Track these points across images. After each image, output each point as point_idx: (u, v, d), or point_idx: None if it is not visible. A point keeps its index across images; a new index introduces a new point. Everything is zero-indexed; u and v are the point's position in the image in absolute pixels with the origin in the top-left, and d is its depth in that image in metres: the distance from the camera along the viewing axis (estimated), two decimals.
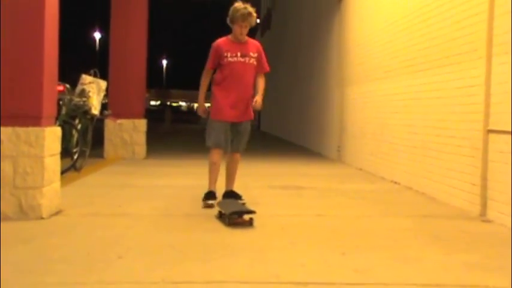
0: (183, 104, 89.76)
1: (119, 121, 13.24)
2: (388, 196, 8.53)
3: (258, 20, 8.05)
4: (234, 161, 7.42)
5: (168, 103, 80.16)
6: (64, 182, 7.67)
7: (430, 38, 8.51)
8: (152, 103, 78.77)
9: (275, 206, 7.45)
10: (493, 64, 6.69)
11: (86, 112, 10.75)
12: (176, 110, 67.62)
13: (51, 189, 6.31)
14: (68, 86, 10.58)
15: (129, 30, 13.70)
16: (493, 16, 6.73)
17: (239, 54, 7.10)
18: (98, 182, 9.37)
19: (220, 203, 6.67)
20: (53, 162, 6.33)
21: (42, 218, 6.07)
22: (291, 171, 11.78)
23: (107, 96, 12.50)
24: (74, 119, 10.45)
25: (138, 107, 13.89)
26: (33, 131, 6.06)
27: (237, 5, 7.12)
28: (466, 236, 5.86)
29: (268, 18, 32.10)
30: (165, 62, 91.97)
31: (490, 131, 6.73)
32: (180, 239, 5.47)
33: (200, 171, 11.01)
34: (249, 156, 10.27)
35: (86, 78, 10.88)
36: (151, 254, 4.85)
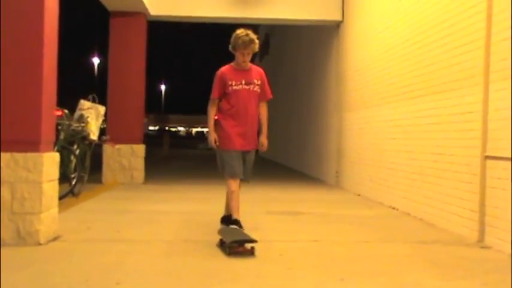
0: (182, 129, 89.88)
1: (117, 146, 13.26)
2: (386, 222, 8.52)
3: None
4: (239, 189, 7.13)
5: (166, 128, 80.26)
6: (62, 208, 7.66)
7: (427, 65, 8.56)
8: (151, 128, 78.88)
9: (273, 231, 7.44)
10: (490, 90, 6.73)
11: (84, 137, 10.76)
12: (174, 135, 67.68)
13: (49, 215, 6.30)
14: (67, 111, 10.60)
15: (127, 56, 13.77)
16: (490, 43, 6.78)
17: (244, 82, 7.01)
18: (96, 208, 9.36)
19: (222, 231, 6.52)
20: (51, 187, 6.33)
21: (39, 244, 6.05)
22: (289, 197, 11.77)
23: (105, 121, 12.54)
24: (72, 144, 10.46)
25: (137, 132, 13.90)
26: (31, 156, 6.07)
27: (238, 32, 7.01)
28: (464, 263, 5.85)
29: (266, 43, 32.24)
30: (163, 87, 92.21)
31: (487, 157, 6.75)
32: (178, 265, 5.46)
33: (199, 197, 11.01)
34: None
35: (84, 104, 10.91)
36: (149, 280, 4.84)
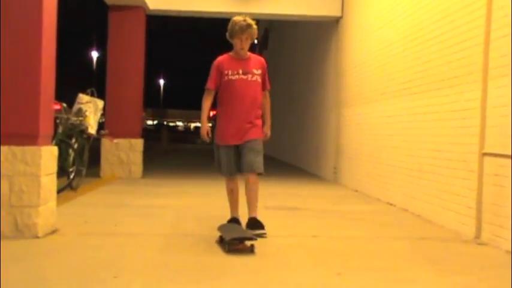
0: (180, 124, 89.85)
1: (116, 140, 13.25)
2: (383, 218, 8.53)
3: (256, 41, 8.04)
4: (250, 182, 6.75)
5: (164, 122, 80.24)
6: (60, 201, 7.67)
7: (426, 61, 8.56)
8: (149, 122, 78.83)
9: (271, 226, 7.42)
10: (489, 87, 6.73)
11: (82, 131, 10.75)
12: (173, 130, 67.67)
13: (47, 208, 6.30)
14: (65, 105, 10.59)
15: (126, 50, 13.76)
16: (489, 39, 6.78)
17: (241, 72, 6.69)
18: (94, 201, 9.36)
19: (221, 227, 6.42)
20: (49, 181, 6.34)
21: (37, 237, 6.06)
22: (287, 192, 11.77)
23: (103, 115, 12.53)
24: (70, 138, 10.45)
25: (135, 126, 13.90)
26: (29, 150, 6.07)
27: (235, 18, 6.74)
28: (461, 259, 5.87)
29: (265, 39, 32.24)
30: (162, 82, 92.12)
31: (485, 154, 6.76)
32: (175, 258, 5.46)
33: (197, 191, 11.02)
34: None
35: (83, 98, 10.90)
36: (146, 274, 4.85)
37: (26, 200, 6.06)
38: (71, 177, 10.07)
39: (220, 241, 6.16)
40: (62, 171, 9.25)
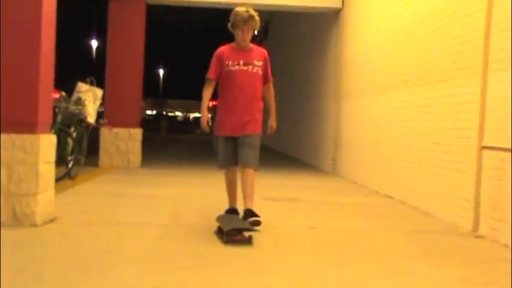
0: (179, 114, 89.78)
1: (115, 130, 13.25)
2: (381, 210, 8.54)
3: (256, 32, 8.06)
4: (245, 177, 6.55)
5: (164, 113, 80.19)
6: (58, 190, 7.66)
7: (426, 54, 8.55)
8: (148, 112, 78.77)
9: (269, 217, 7.42)
10: (489, 81, 6.73)
11: (81, 120, 10.76)
12: (172, 120, 67.64)
13: (45, 196, 6.30)
14: (64, 93, 10.58)
15: (126, 39, 13.72)
16: (489, 33, 6.77)
17: (241, 63, 6.57)
18: (93, 191, 9.37)
19: (220, 218, 6.42)
20: (47, 169, 6.34)
21: (35, 226, 6.06)
22: (285, 184, 11.78)
23: (102, 104, 12.52)
24: (69, 126, 10.46)
25: (134, 116, 13.88)
26: (28, 138, 6.07)
27: (237, 9, 6.62)
28: (458, 251, 5.88)
29: (265, 30, 32.17)
30: (161, 72, 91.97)
31: (483, 147, 6.76)
32: (173, 248, 5.48)
33: (195, 182, 11.03)
34: None
35: (82, 87, 10.90)
36: (144, 263, 4.86)
37: (25, 188, 6.06)
38: (70, 166, 10.08)
39: (219, 232, 6.16)
40: (60, 160, 9.25)
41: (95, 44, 60.06)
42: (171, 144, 27.42)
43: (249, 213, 6.36)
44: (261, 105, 6.82)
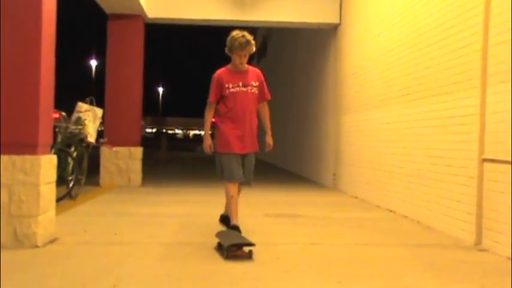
0: (179, 132, 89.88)
1: (115, 149, 13.25)
2: (383, 225, 8.52)
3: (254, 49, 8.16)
4: (240, 192, 7.21)
5: (163, 130, 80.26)
6: (59, 210, 7.65)
7: (424, 67, 8.57)
8: (148, 130, 78.85)
9: (271, 234, 7.43)
10: (488, 93, 6.74)
11: (81, 140, 10.77)
12: (172, 138, 67.68)
13: (46, 217, 6.29)
14: (64, 113, 10.60)
15: (125, 58, 13.78)
16: (487, 46, 6.79)
17: (241, 84, 6.97)
18: (94, 210, 9.35)
19: (220, 234, 6.49)
20: (48, 190, 6.33)
21: (37, 247, 6.05)
22: (287, 200, 11.77)
23: (103, 123, 12.54)
24: (69, 146, 10.46)
25: (134, 134, 13.90)
26: (29, 159, 6.07)
27: (234, 33, 6.98)
28: (462, 265, 5.86)
29: (264, 46, 32.28)
30: (161, 90, 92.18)
31: (485, 160, 6.75)
32: (176, 267, 5.45)
33: (197, 200, 11.01)
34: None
35: (82, 106, 10.91)
36: (147, 283, 4.84)
37: (25, 210, 6.04)
38: (70, 186, 10.07)
39: (219, 248, 6.19)
40: (61, 180, 9.24)
41: (94, 64, 60.27)
42: (172, 162, 27.41)
43: (238, 229, 6.82)
44: (256, 122, 7.21)
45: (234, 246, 5.92)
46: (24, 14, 6.17)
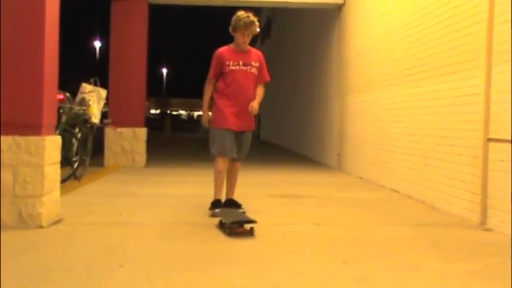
0: (183, 113, 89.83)
1: (119, 130, 13.24)
2: (388, 205, 8.52)
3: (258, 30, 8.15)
4: (234, 169, 7.42)
5: (168, 111, 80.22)
6: (64, 191, 7.67)
7: (429, 47, 8.52)
8: (152, 112, 78.82)
9: (275, 214, 7.44)
10: (493, 73, 6.70)
11: (86, 121, 10.77)
12: (176, 119, 67.69)
13: (51, 198, 6.30)
14: (68, 94, 10.58)
15: (129, 39, 13.73)
16: (492, 25, 6.74)
17: (241, 63, 7.09)
18: (98, 191, 9.36)
19: (221, 212, 6.59)
20: (52, 171, 6.33)
21: (41, 227, 6.06)
22: (291, 180, 11.77)
23: (107, 104, 12.52)
24: (74, 127, 10.46)
25: (138, 115, 13.89)
26: (33, 140, 6.06)
27: (239, 13, 7.11)
28: (467, 245, 5.85)
29: (268, 26, 32.16)
30: (165, 71, 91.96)
31: (490, 140, 6.73)
32: (180, 247, 5.46)
33: (200, 180, 11.01)
34: (248, 165, 10.29)
35: (86, 87, 10.89)
36: (151, 263, 4.85)
37: (30, 190, 6.05)
38: (75, 166, 10.07)
39: (220, 225, 6.26)
40: (65, 161, 9.24)
41: (98, 45, 60.16)
42: (176, 143, 27.43)
43: (232, 203, 7.27)
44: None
45: (235, 223, 6.02)
46: None
